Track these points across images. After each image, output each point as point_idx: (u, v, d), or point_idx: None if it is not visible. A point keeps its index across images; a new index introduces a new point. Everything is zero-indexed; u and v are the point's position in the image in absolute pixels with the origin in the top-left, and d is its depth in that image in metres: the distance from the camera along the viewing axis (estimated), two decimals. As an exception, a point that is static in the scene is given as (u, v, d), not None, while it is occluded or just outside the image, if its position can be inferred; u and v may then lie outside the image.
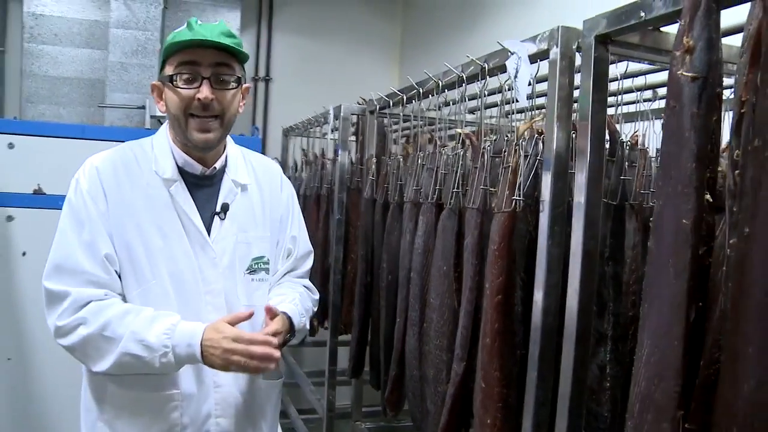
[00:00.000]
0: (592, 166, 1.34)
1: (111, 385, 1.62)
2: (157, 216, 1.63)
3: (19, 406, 3.29)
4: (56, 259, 1.58)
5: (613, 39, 1.33)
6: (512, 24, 3.47)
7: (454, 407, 1.74)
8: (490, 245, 1.58)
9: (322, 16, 4.76)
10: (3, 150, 3.20)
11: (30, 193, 3.26)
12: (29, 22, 3.77)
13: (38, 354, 3.29)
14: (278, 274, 1.84)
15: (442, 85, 1.97)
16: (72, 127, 3.37)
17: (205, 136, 1.60)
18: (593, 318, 1.44)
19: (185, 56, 1.56)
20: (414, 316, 1.98)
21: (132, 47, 3.81)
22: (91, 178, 1.61)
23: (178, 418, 1.61)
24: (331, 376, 2.79)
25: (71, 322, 1.53)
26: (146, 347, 1.50)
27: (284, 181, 1.91)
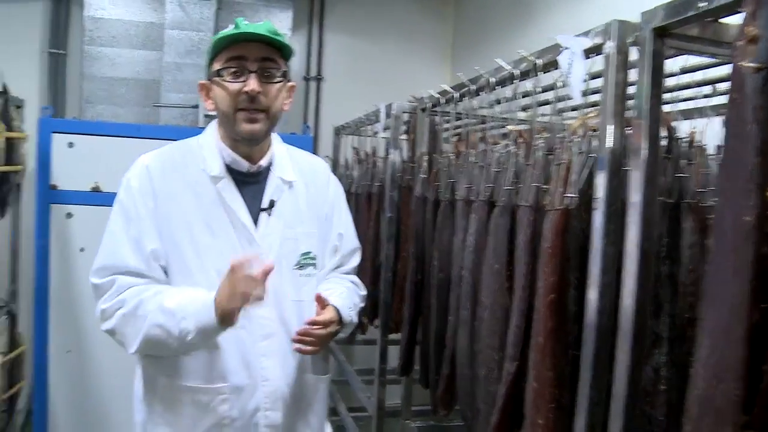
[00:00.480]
0: (649, 164, 1.31)
1: (162, 377, 1.67)
2: (205, 213, 1.66)
3: (78, 397, 3.38)
4: (103, 256, 1.64)
5: (670, 32, 1.29)
6: (564, 21, 3.42)
7: (506, 407, 1.72)
8: (542, 243, 1.56)
9: (373, 16, 4.76)
10: (63, 149, 3.29)
11: (88, 191, 3.34)
12: (89, 26, 3.87)
13: (96, 347, 3.38)
14: (325, 270, 1.86)
15: (494, 82, 1.94)
16: (128, 127, 3.44)
17: (252, 127, 1.62)
18: (648, 319, 1.40)
19: (232, 52, 1.60)
20: (465, 314, 1.96)
21: (186, 47, 3.88)
22: (141, 176, 1.66)
23: (227, 411, 1.65)
24: (382, 374, 2.78)
25: (113, 305, 1.58)
26: (168, 314, 1.54)
27: (331, 178, 1.93)
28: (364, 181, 3.47)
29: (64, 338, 3.35)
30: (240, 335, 1.65)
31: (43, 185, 3.29)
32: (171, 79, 3.86)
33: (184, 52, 3.88)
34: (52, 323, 3.34)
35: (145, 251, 1.61)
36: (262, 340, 1.68)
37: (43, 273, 3.32)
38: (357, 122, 3.53)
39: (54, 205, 3.32)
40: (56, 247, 3.33)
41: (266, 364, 1.68)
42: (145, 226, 1.62)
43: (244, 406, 1.66)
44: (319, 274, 1.81)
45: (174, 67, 3.87)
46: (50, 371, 3.35)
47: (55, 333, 3.34)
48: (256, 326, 1.67)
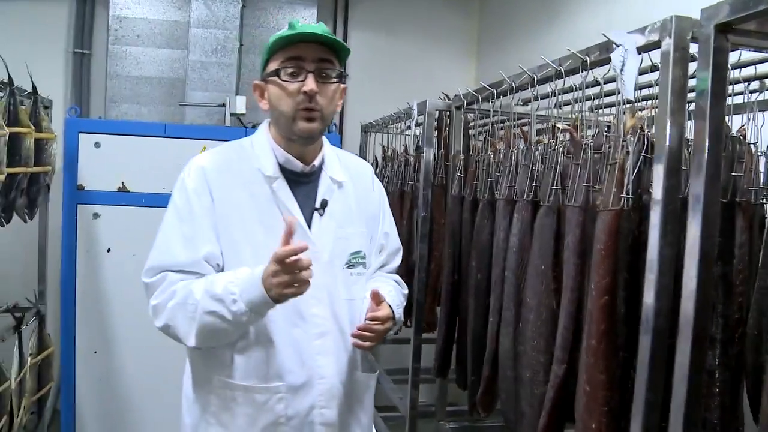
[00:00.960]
0: (710, 163, 1.27)
1: (216, 377, 1.66)
2: (261, 212, 1.67)
3: (105, 397, 3.39)
4: (155, 256, 1.65)
5: (733, 27, 1.26)
6: (591, 19, 3.38)
7: (554, 409, 1.70)
8: (595, 244, 1.53)
9: (397, 12, 4.72)
10: (90, 149, 3.29)
11: (115, 191, 3.34)
12: (114, 25, 3.87)
13: (123, 347, 3.39)
14: (372, 268, 1.86)
15: (537, 80, 1.91)
16: (154, 126, 3.44)
17: (309, 126, 1.63)
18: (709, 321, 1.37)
19: (290, 52, 1.61)
20: (508, 315, 1.94)
21: (212, 46, 3.87)
22: (197, 176, 1.66)
23: (283, 410, 1.65)
24: (415, 374, 2.76)
25: (164, 299, 1.59)
26: (217, 300, 1.53)
27: (375, 179, 1.95)
28: (395, 180, 3.45)
29: (91, 339, 3.36)
30: (295, 334, 1.66)
31: (70, 185, 3.30)
32: (197, 77, 3.85)
33: (209, 51, 3.86)
34: (79, 324, 3.34)
35: (199, 252, 1.61)
36: (316, 338, 1.68)
37: (69, 274, 3.33)
38: (386, 120, 3.50)
39: (81, 205, 3.33)
40: (83, 247, 3.34)
41: (321, 362, 1.68)
42: (201, 225, 1.63)
43: (300, 404, 1.67)
44: (367, 272, 1.83)
45: (199, 66, 3.86)
46: (77, 372, 3.35)
47: (81, 334, 3.35)
48: (311, 325, 1.67)
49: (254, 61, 4.07)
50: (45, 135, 3.03)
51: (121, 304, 3.36)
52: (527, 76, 1.96)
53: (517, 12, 4.30)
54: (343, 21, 4.61)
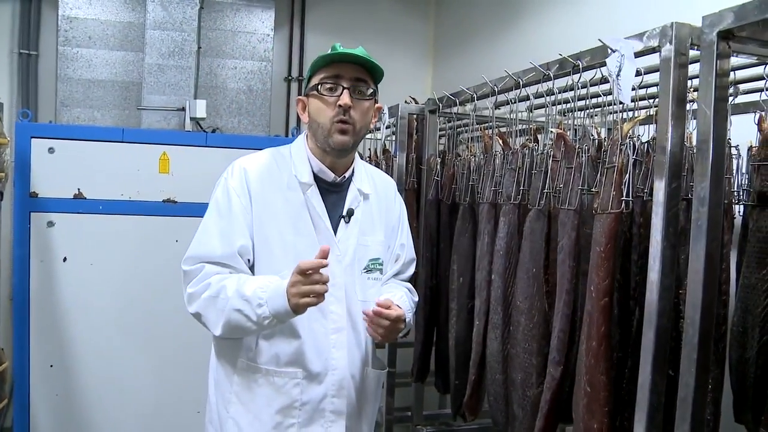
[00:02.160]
0: (715, 168, 1.31)
1: (241, 359, 1.84)
2: (293, 215, 1.84)
3: (61, 413, 3.28)
4: (194, 246, 1.82)
5: (735, 35, 1.29)
6: (547, 24, 3.43)
7: (550, 412, 1.71)
8: (594, 247, 1.55)
9: (354, 16, 4.71)
10: (43, 155, 3.18)
11: (71, 198, 3.23)
12: (64, 26, 3.75)
13: (81, 361, 3.29)
14: (387, 275, 2.02)
15: (523, 83, 1.93)
16: (112, 131, 3.36)
17: (343, 139, 1.80)
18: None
19: (330, 70, 1.79)
20: (496, 319, 1.95)
21: (169, 48, 3.78)
22: (240, 177, 1.83)
23: (298, 395, 1.81)
24: (390, 379, 2.75)
25: (199, 289, 1.76)
26: (245, 301, 1.69)
27: (397, 194, 2.12)
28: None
29: (47, 353, 3.24)
30: (315, 328, 1.82)
31: (22, 192, 3.17)
32: (153, 80, 3.75)
33: (166, 53, 3.77)
34: (33, 337, 3.21)
35: (234, 245, 1.77)
36: (333, 333, 1.84)
37: (22, 284, 3.20)
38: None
39: (34, 213, 3.21)
40: (37, 257, 3.22)
41: (336, 354, 1.84)
42: (237, 222, 1.79)
43: (314, 391, 1.83)
44: (382, 278, 1.98)
45: (156, 69, 3.76)
46: (32, 387, 3.22)
47: (36, 347, 3.22)
48: (329, 321, 1.84)
49: (212, 63, 4.00)
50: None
51: (79, 315, 3.25)
52: (511, 80, 1.97)
53: (472, 17, 4.33)
54: (300, 24, 4.58)
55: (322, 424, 1.84)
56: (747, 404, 1.67)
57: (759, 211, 1.66)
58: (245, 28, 4.10)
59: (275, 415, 1.81)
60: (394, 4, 4.84)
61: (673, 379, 1.44)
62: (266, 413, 1.81)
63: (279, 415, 1.81)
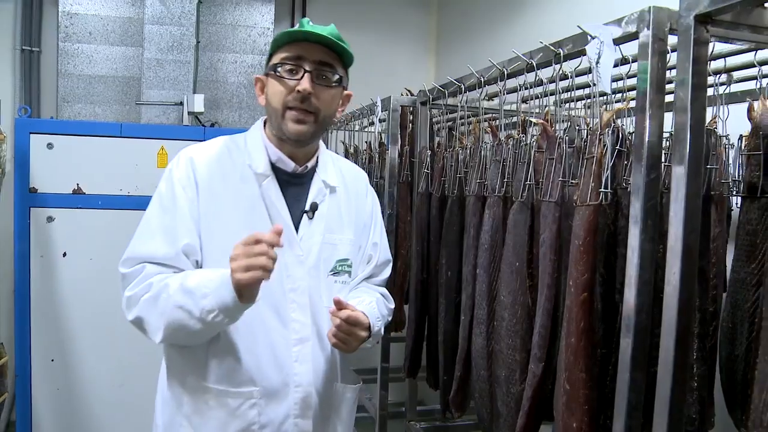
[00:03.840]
0: (692, 157, 1.25)
1: (190, 378, 1.61)
2: (247, 210, 1.62)
3: (63, 408, 3.29)
4: (134, 245, 1.59)
5: (713, 18, 1.24)
6: (554, 11, 3.37)
7: (532, 409, 1.67)
8: (573, 240, 1.50)
9: (356, 9, 4.67)
10: (42, 150, 3.19)
11: (70, 193, 3.24)
12: (64, 22, 3.75)
13: (81, 355, 3.30)
14: (357, 279, 1.81)
15: (508, 73, 1.88)
16: (110, 126, 3.35)
17: (299, 128, 1.58)
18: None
19: (292, 50, 1.58)
20: (481, 314, 1.90)
21: (167, 43, 3.77)
22: (185, 168, 1.62)
23: (255, 417, 1.59)
24: (384, 374, 2.71)
25: (139, 291, 1.53)
26: (188, 293, 1.47)
27: (369, 188, 1.91)
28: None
29: (48, 347, 3.26)
30: (274, 339, 1.61)
31: (22, 188, 3.18)
32: (152, 75, 3.75)
33: (165, 48, 3.76)
34: (34, 332, 3.23)
35: (178, 244, 1.56)
36: (295, 345, 1.62)
37: (23, 280, 3.22)
38: (347, 116, 3.44)
39: (34, 208, 3.22)
40: (37, 252, 3.23)
41: (298, 369, 1.63)
42: (182, 217, 1.58)
43: (273, 412, 1.61)
44: (351, 282, 1.78)
45: (155, 64, 3.75)
46: (33, 381, 3.24)
47: (37, 342, 3.24)
48: (291, 331, 1.61)
49: (211, 58, 3.98)
50: (-6, 136, 2.90)
51: (80, 309, 3.27)
52: (496, 70, 1.93)
53: (475, 8, 4.28)
54: (302, 17, 4.53)
55: None
56: (737, 402, 1.62)
57: (749, 202, 1.60)
58: (245, 21, 4.07)
59: None
60: (396, -4, 4.80)
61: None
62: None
63: None
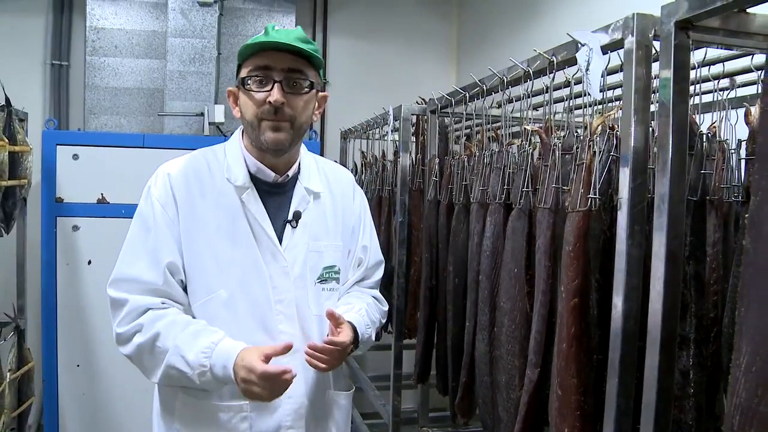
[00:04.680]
0: (675, 161, 1.25)
1: (181, 393, 1.62)
2: (228, 224, 1.62)
3: (88, 412, 3.36)
4: (120, 267, 1.60)
5: (694, 24, 1.24)
6: (570, 18, 3.37)
7: (528, 414, 1.68)
8: (564, 246, 1.51)
9: (376, 18, 4.71)
10: (68, 161, 3.27)
11: (94, 203, 3.32)
12: (91, 36, 3.84)
13: (105, 360, 3.36)
14: (348, 283, 1.82)
15: (507, 81, 1.90)
16: (132, 137, 3.42)
17: (276, 136, 1.57)
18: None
19: (259, 60, 1.56)
20: (484, 320, 1.92)
21: (189, 55, 3.84)
22: (163, 185, 1.61)
23: (247, 430, 1.60)
24: (396, 381, 2.73)
25: (129, 330, 1.55)
26: (187, 363, 1.50)
27: (356, 189, 1.89)
28: (374, 186, 3.43)
29: (73, 352, 3.34)
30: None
31: (49, 198, 3.28)
32: (175, 87, 3.83)
33: (187, 60, 3.84)
34: (60, 338, 3.32)
35: (161, 264, 1.56)
36: (284, 357, 1.56)
37: (50, 287, 3.31)
38: (364, 125, 3.48)
39: (60, 217, 3.31)
40: (63, 260, 3.32)
41: None
42: (163, 236, 1.58)
43: (265, 424, 1.62)
44: (341, 288, 1.78)
45: (178, 75, 3.83)
46: (60, 386, 3.32)
47: (63, 347, 3.33)
48: (280, 342, 1.57)
49: (233, 69, 4.02)
50: (20, 148, 2.99)
51: (104, 316, 3.21)
52: (497, 78, 1.94)
53: (495, 16, 4.29)
54: (323, 28, 4.59)
55: None
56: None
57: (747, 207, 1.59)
58: (266, 33, 4.13)
59: None
60: (416, 5, 4.81)
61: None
62: None
63: None
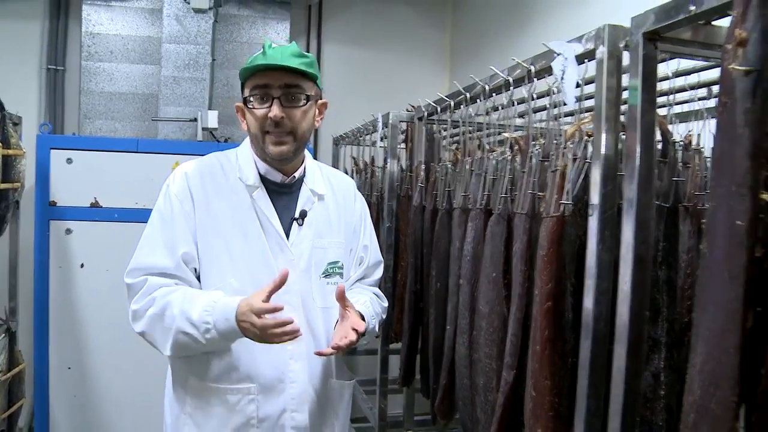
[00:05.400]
0: (642, 168, 1.29)
1: (192, 378, 1.76)
2: (240, 220, 1.77)
3: (79, 415, 3.38)
4: (137, 257, 1.75)
5: (662, 35, 1.28)
6: (562, 26, 3.41)
7: (505, 416, 1.70)
8: (539, 251, 1.54)
9: (370, 26, 4.75)
10: (62, 165, 3.30)
11: (87, 207, 3.35)
12: (87, 41, 3.88)
13: (97, 363, 3.39)
14: (351, 280, 1.95)
15: (489, 90, 1.93)
16: (126, 141, 3.46)
17: (280, 149, 1.73)
18: (647, 324, 1.38)
19: (258, 80, 1.72)
20: (464, 323, 1.95)
21: (184, 61, 3.88)
22: (181, 182, 1.77)
23: (254, 412, 1.73)
24: (383, 385, 2.76)
25: (143, 306, 1.68)
26: (192, 323, 1.63)
27: (357, 193, 2.05)
28: (363, 191, 3.46)
29: (64, 355, 3.36)
30: None
31: (42, 201, 3.31)
32: (169, 92, 3.86)
33: (182, 66, 3.87)
34: (52, 340, 3.34)
35: (177, 254, 1.71)
36: (290, 343, 1.68)
37: (42, 290, 3.33)
38: (355, 132, 3.52)
39: (53, 221, 3.34)
40: (55, 263, 3.34)
41: (293, 366, 1.76)
42: (180, 228, 1.73)
43: (271, 406, 1.75)
44: (345, 283, 1.88)
45: (172, 81, 3.87)
46: (51, 388, 3.34)
47: (54, 350, 3.35)
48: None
49: (227, 75, 4.08)
50: (13, 151, 3.03)
51: (95, 319, 3.37)
52: (480, 87, 1.98)
53: (488, 23, 4.32)
54: (317, 35, 4.63)
55: None
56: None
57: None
58: (261, 39, 4.16)
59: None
60: (410, 13, 4.86)
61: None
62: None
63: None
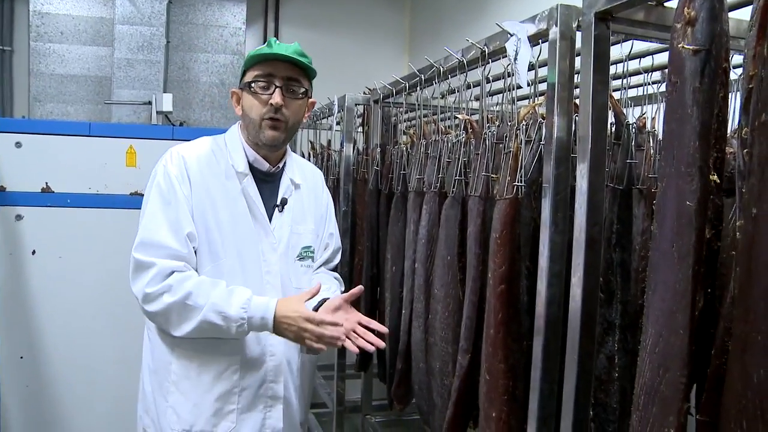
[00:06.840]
0: (594, 150, 1.28)
1: (178, 348, 1.86)
2: (231, 203, 1.88)
3: (32, 405, 3.30)
4: (144, 234, 1.81)
5: (614, 16, 1.27)
6: (522, 7, 3.39)
7: (460, 400, 1.70)
8: (492, 233, 1.53)
9: (329, 9, 4.70)
10: (10, 149, 3.20)
11: (38, 192, 3.26)
12: (35, 21, 3.77)
13: (50, 352, 3.31)
14: (317, 263, 2.09)
15: (444, 71, 1.91)
16: (78, 125, 3.36)
17: (274, 134, 1.85)
18: (601, 307, 1.38)
19: (263, 68, 1.83)
20: (419, 307, 1.94)
21: (137, 43, 3.79)
22: (179, 164, 1.85)
23: (237, 381, 1.86)
24: (341, 370, 2.76)
25: (158, 290, 1.75)
26: (225, 317, 1.74)
27: (324, 185, 2.19)
28: (320, 175, 3.43)
29: (16, 344, 3.27)
30: None
31: (-10, 187, 3.20)
32: (123, 75, 3.78)
33: (135, 48, 3.79)
34: (3, 329, 3.24)
35: (182, 233, 1.80)
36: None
37: (-9, 278, 3.24)
38: (312, 115, 3.47)
39: (2, 207, 3.23)
40: (5, 250, 3.24)
41: (273, 341, 1.88)
42: (182, 209, 1.81)
43: (252, 377, 1.88)
44: (314, 265, 2.06)
45: (125, 63, 3.78)
46: (2, 379, 3.25)
47: (5, 339, 3.25)
48: None
49: (183, 58, 4.01)
50: (-42, 135, 2.93)
51: (49, 307, 3.28)
52: (434, 69, 1.96)
53: (447, 7, 4.31)
54: (275, 17, 4.57)
55: (261, 409, 1.89)
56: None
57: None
58: (217, 21, 4.10)
59: (215, 402, 1.84)
60: (369, -5, 4.83)
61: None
62: (206, 400, 1.84)
63: (219, 401, 1.84)
